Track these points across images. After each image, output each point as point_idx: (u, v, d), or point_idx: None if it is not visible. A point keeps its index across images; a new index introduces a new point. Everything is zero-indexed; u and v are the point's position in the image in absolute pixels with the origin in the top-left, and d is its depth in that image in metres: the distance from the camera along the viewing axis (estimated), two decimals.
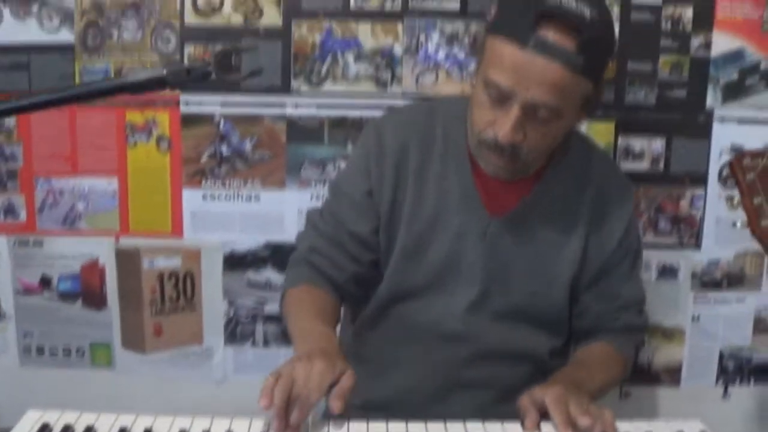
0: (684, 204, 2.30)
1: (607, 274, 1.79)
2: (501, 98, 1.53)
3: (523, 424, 1.44)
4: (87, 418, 1.38)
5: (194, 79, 1.20)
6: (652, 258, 2.32)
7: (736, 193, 1.46)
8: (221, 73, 1.22)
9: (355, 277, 1.79)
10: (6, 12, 2.21)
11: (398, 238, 1.76)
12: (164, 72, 1.20)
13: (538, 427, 1.42)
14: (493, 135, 1.57)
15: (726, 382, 2.43)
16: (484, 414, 1.48)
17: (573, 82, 1.51)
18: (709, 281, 2.35)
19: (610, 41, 1.60)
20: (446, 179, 1.74)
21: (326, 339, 1.54)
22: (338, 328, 1.80)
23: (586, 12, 1.48)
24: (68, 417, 1.38)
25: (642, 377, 2.40)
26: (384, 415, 1.51)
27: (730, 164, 1.43)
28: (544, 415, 1.43)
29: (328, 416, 1.46)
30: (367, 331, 1.87)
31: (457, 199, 1.73)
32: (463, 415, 1.46)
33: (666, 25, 2.20)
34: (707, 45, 2.22)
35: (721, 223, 2.30)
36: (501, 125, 1.55)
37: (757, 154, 1.40)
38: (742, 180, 1.39)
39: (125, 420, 1.38)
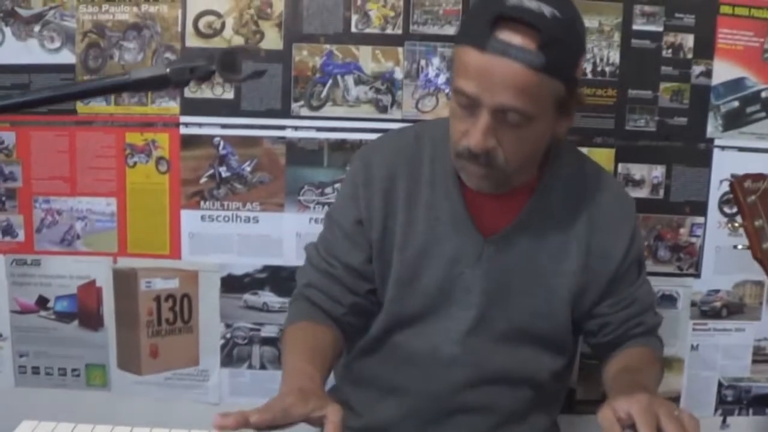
0: (684, 232, 2.29)
1: (618, 284, 1.77)
2: (471, 106, 1.52)
3: None
4: (82, 430, 1.36)
5: (197, 78, 1.19)
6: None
7: (737, 218, 1.44)
8: (224, 72, 1.21)
9: (354, 309, 1.77)
10: (8, 32, 2.21)
11: (392, 267, 1.75)
12: (167, 70, 1.18)
13: None
14: (467, 144, 1.55)
15: (725, 413, 2.41)
16: None
17: (537, 82, 1.47)
18: (709, 310, 2.34)
19: (576, 39, 1.56)
20: (436, 204, 1.73)
21: (309, 379, 1.49)
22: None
23: (546, 10, 1.45)
24: (63, 428, 1.36)
25: None
26: None
27: (731, 185, 1.42)
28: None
29: None
30: (364, 357, 1.86)
31: (448, 224, 1.72)
32: None
33: (667, 53, 2.20)
34: (708, 73, 2.22)
35: (721, 252, 2.30)
36: (472, 133, 1.53)
37: (758, 177, 1.40)
38: (743, 202, 1.39)
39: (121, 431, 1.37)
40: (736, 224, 1.43)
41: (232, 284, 2.32)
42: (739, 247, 1.42)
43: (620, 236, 1.75)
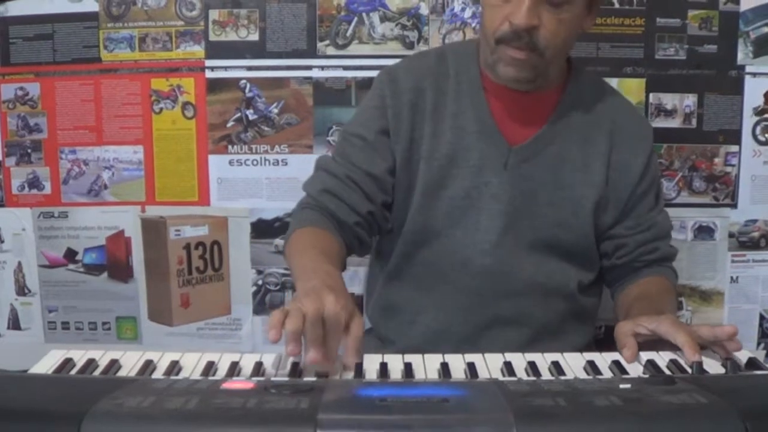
0: (718, 162, 2.26)
1: (636, 205, 1.79)
2: None
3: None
4: (112, 356, 1.33)
5: None
6: (688, 218, 2.27)
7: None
8: None
9: (367, 219, 1.75)
10: None
11: (419, 176, 1.75)
12: None
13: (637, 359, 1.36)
14: (509, 25, 1.58)
15: None
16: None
17: None
18: (747, 241, 2.30)
19: None
20: (462, 114, 1.75)
21: (331, 276, 1.43)
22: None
23: None
24: (92, 354, 1.33)
25: None
26: None
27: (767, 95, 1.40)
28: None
29: None
30: (395, 283, 1.85)
31: (474, 132, 1.74)
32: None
33: None
34: None
35: (757, 180, 2.27)
36: (516, 13, 1.56)
37: None
38: None
39: (152, 355, 1.33)
40: None
41: (262, 229, 2.29)
42: None
43: (638, 153, 1.78)
